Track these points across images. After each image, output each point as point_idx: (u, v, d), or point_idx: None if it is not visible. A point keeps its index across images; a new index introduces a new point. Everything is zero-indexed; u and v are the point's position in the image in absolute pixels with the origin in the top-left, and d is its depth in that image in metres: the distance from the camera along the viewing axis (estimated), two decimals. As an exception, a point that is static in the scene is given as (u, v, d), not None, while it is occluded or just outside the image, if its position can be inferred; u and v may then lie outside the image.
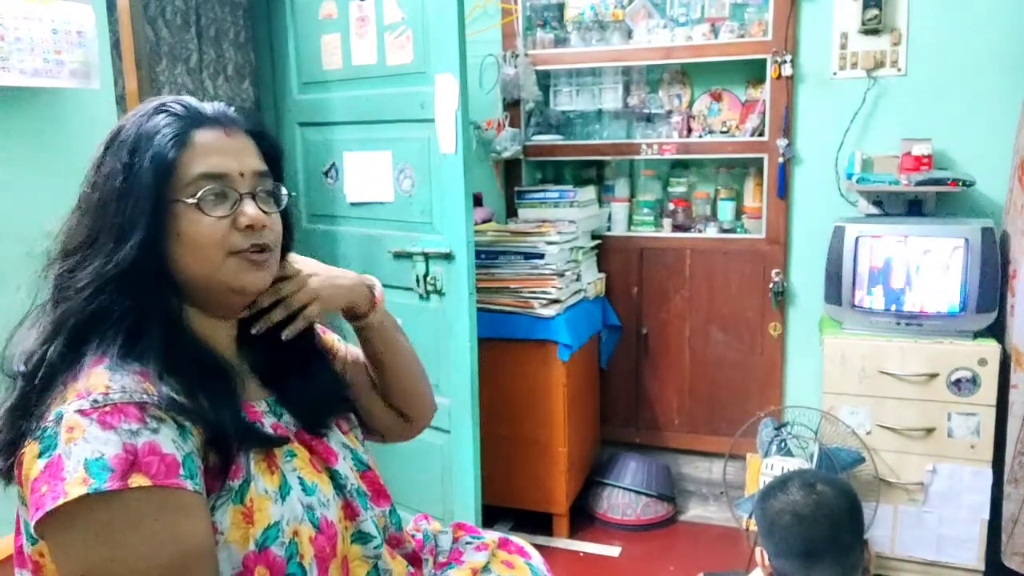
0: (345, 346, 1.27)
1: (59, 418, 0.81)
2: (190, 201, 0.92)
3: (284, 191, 1.03)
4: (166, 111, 0.95)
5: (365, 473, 1.09)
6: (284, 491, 0.93)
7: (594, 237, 3.06)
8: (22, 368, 0.88)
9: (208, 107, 0.98)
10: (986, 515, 2.35)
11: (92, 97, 1.96)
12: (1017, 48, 2.53)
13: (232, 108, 1.01)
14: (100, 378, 0.84)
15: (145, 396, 0.84)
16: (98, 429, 0.80)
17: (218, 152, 0.95)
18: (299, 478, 0.96)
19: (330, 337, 1.25)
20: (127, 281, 0.89)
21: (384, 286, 2.73)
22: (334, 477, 1.02)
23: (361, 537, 1.02)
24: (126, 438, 0.80)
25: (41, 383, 0.86)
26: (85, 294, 0.89)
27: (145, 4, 2.26)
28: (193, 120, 0.95)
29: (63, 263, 0.92)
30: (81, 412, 0.81)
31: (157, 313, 0.91)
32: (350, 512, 1.02)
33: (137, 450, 0.80)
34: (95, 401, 0.82)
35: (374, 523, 1.04)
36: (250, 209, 0.95)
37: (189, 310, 0.97)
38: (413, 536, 1.22)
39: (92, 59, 1.88)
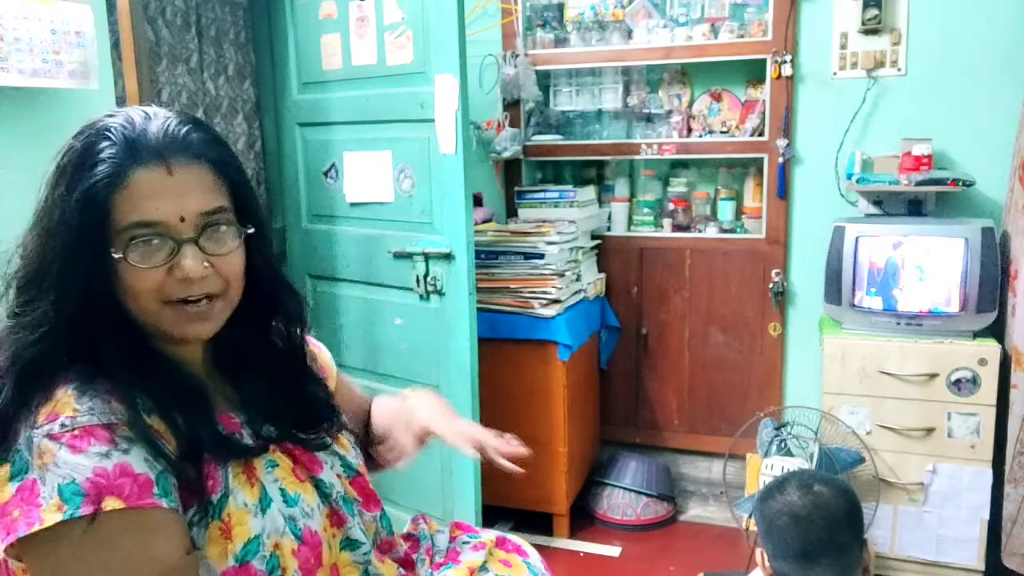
0: (340, 377, 1.25)
1: (28, 442, 0.80)
2: (117, 255, 0.86)
3: (242, 228, 0.93)
4: (109, 138, 0.87)
5: (355, 479, 1.07)
6: (264, 504, 0.92)
7: (594, 237, 3.06)
8: None
9: (156, 130, 0.88)
10: (986, 515, 2.35)
11: (91, 98, 1.96)
12: (1017, 48, 2.53)
13: (189, 128, 0.91)
14: (68, 400, 0.83)
15: (113, 417, 0.83)
16: (68, 453, 0.79)
17: (155, 196, 0.86)
18: (280, 489, 0.95)
19: (325, 358, 1.23)
20: (77, 321, 0.86)
21: (384, 286, 2.75)
22: (318, 486, 1.00)
23: (350, 544, 1.01)
24: (96, 461, 0.80)
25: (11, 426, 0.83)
26: (31, 339, 0.85)
27: (145, 4, 2.26)
28: (133, 154, 0.86)
29: (17, 297, 0.89)
30: (50, 436, 0.80)
31: (115, 344, 0.87)
32: (337, 520, 1.00)
33: (109, 472, 0.80)
34: (63, 424, 0.81)
35: (361, 529, 1.03)
36: (187, 261, 0.87)
37: (154, 336, 0.94)
38: (410, 535, 1.22)
39: (91, 59, 1.88)
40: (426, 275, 2.37)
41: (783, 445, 2.48)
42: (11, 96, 1.79)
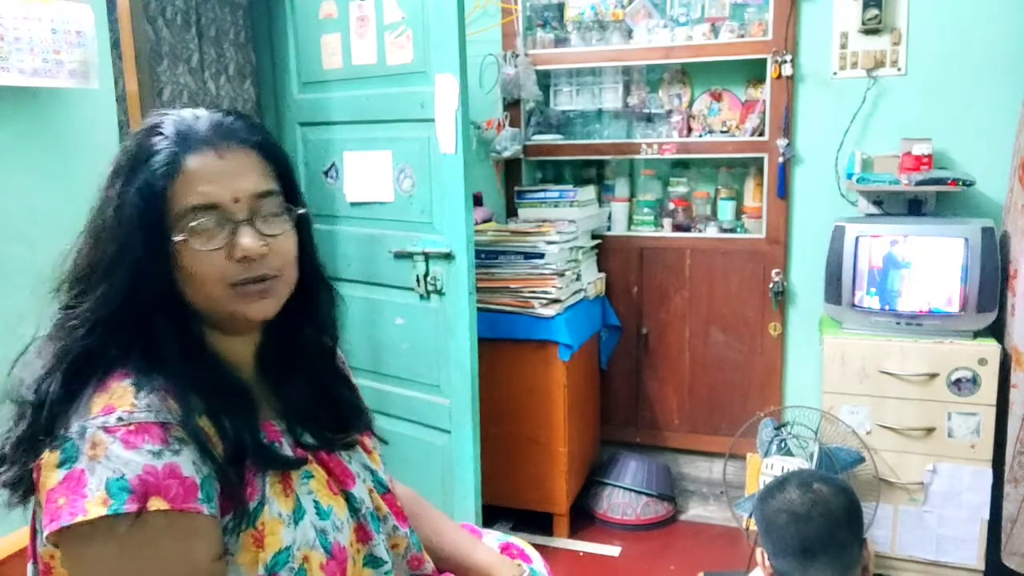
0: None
1: (82, 432, 0.80)
2: (179, 238, 0.88)
3: (293, 208, 0.97)
4: (160, 133, 0.90)
5: (385, 495, 1.07)
6: (298, 515, 0.92)
7: (594, 237, 3.06)
8: (31, 398, 0.86)
9: (204, 122, 0.92)
10: (986, 515, 2.35)
11: (92, 97, 1.97)
12: (1017, 48, 2.53)
13: (233, 118, 0.95)
14: (126, 394, 0.83)
15: (169, 416, 0.83)
16: (121, 448, 0.79)
17: (209, 180, 0.89)
18: (314, 501, 0.95)
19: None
20: (127, 315, 0.87)
21: (384, 286, 2.74)
22: (349, 500, 1.00)
23: (373, 561, 1.01)
24: (148, 459, 0.80)
25: (46, 417, 0.84)
26: (80, 332, 0.87)
27: (145, 4, 2.26)
28: (184, 143, 0.89)
29: (67, 293, 0.90)
30: (105, 429, 0.80)
31: (170, 338, 0.88)
32: (363, 535, 1.01)
33: (158, 472, 0.80)
34: (120, 419, 0.80)
35: (385, 547, 1.03)
36: (244, 240, 0.90)
37: (208, 329, 0.95)
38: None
39: (91, 59, 1.88)
40: (426, 275, 2.38)
41: (783, 445, 2.48)
42: (11, 96, 1.79)
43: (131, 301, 0.87)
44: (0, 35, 1.68)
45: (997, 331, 2.40)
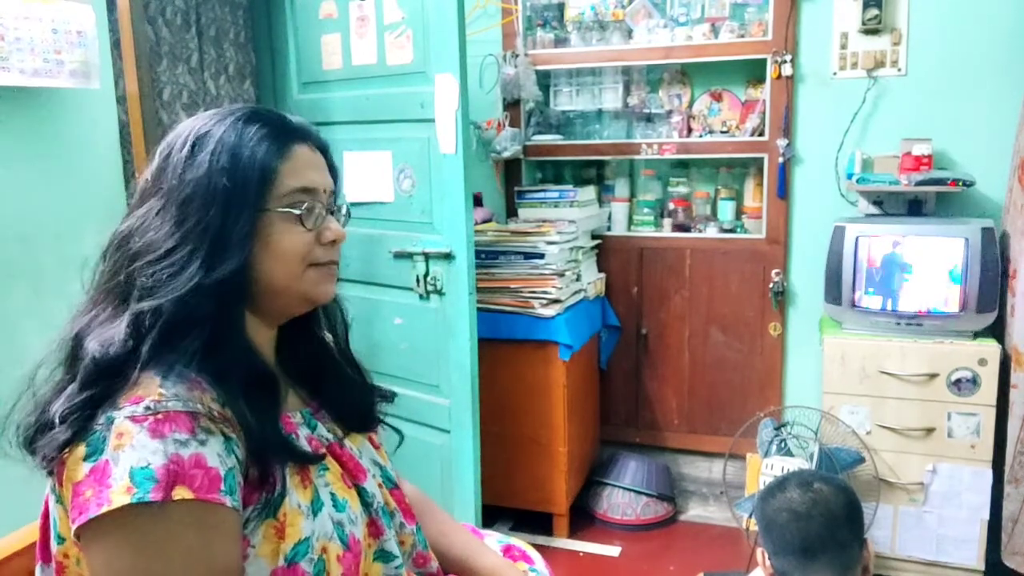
0: None
1: (109, 422, 0.80)
2: (296, 212, 0.94)
3: (346, 209, 1.06)
4: (259, 120, 0.96)
5: (393, 491, 1.08)
6: (316, 506, 0.92)
7: (594, 237, 3.06)
8: (99, 354, 0.85)
9: (292, 120, 1.00)
10: (986, 515, 2.35)
11: (92, 97, 1.97)
12: (1017, 48, 2.53)
13: (307, 123, 1.04)
14: (153, 384, 0.83)
15: (199, 406, 0.83)
16: (147, 437, 0.79)
17: (310, 167, 0.98)
18: (331, 494, 0.96)
19: None
20: (218, 289, 0.89)
21: (384, 286, 2.74)
22: (361, 494, 1.01)
23: (383, 555, 1.01)
24: (174, 448, 0.79)
25: (122, 378, 0.84)
26: (181, 295, 0.87)
27: (145, 4, 2.26)
28: (289, 132, 0.97)
29: (154, 261, 0.88)
30: (132, 418, 0.80)
31: (231, 320, 0.91)
32: (375, 530, 1.01)
33: (184, 461, 0.79)
34: (148, 408, 0.80)
35: (396, 543, 1.04)
36: (335, 224, 1.00)
37: (247, 316, 0.96)
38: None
39: (92, 59, 1.89)
40: (426, 275, 2.38)
41: (783, 445, 2.48)
42: (12, 96, 1.80)
43: (219, 270, 0.89)
44: (1, 35, 1.68)
45: (997, 331, 2.40)
